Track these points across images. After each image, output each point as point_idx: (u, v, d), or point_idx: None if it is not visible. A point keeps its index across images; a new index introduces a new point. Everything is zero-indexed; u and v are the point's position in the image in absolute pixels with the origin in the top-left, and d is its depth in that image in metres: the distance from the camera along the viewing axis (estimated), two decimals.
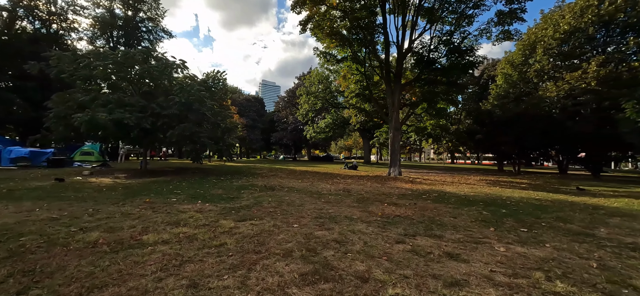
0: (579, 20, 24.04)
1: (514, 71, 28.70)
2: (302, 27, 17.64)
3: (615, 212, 6.26)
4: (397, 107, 15.74)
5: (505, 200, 7.67)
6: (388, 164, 18.80)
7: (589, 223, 5.05)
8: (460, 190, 9.88)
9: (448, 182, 13.01)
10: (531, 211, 6.03)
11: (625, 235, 4.34)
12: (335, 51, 20.86)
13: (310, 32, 19.06)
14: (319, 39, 19.53)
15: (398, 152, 15.00)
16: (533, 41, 27.53)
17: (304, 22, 17.39)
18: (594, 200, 8.20)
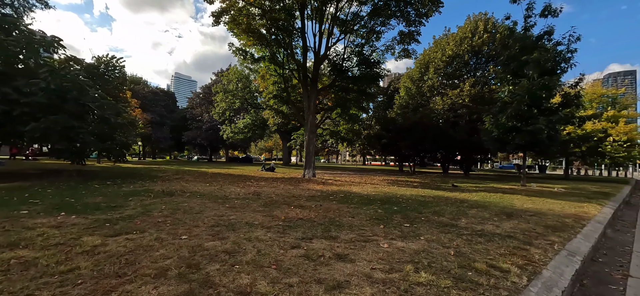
0: (458, 48, 29.51)
1: (413, 85, 33.32)
2: (216, 19, 16.44)
3: (474, 204, 7.77)
4: (313, 110, 16.23)
5: (399, 198, 8.67)
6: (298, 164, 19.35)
7: (455, 215, 6.08)
8: (365, 190, 10.75)
9: (356, 182, 14.05)
10: (416, 207, 6.93)
11: (477, 223, 5.36)
12: (253, 50, 20.21)
13: (226, 27, 17.96)
14: (235, 34, 18.56)
15: (313, 154, 15.46)
16: (427, 61, 32.55)
17: (218, 14, 16.24)
18: (462, 195, 10.06)
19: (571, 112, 13.64)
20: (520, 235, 4.59)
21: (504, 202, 8.29)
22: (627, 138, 22.68)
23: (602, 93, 24.15)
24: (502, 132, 13.79)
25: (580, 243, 4.50)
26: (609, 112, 24.14)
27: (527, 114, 13.10)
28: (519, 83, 13.00)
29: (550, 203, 8.62)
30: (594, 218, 6.55)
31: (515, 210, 7.00)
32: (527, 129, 12.71)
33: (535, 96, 12.71)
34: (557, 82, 12.86)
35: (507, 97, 13.40)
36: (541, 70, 12.84)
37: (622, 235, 6.30)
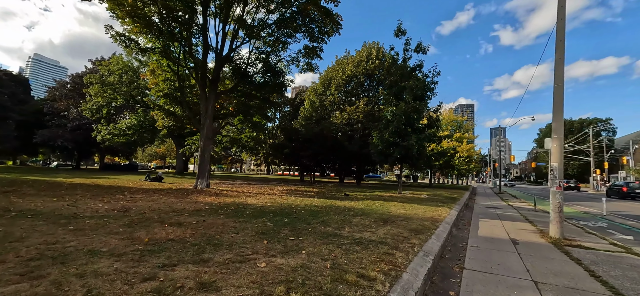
0: (356, 70, 32.87)
1: (316, 99, 35.22)
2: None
3: (358, 212, 8.44)
4: (211, 115, 14.88)
5: (293, 208, 8.63)
6: None
7: (340, 224, 6.37)
8: (261, 201, 10.34)
9: (253, 193, 13.49)
10: (306, 218, 6.97)
11: (358, 231, 5.72)
12: (140, 38, 17.18)
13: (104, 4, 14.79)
14: (118, 17, 15.42)
15: (208, 162, 14.06)
16: (330, 77, 35.05)
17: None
18: (351, 203, 10.89)
19: (434, 132, 17.08)
20: (391, 240, 5.08)
21: (383, 209, 9.32)
22: (467, 155, 30.19)
23: (453, 119, 31.62)
24: (385, 146, 15.95)
25: (433, 243, 5.31)
26: (457, 134, 31.80)
27: (403, 132, 15.60)
28: (398, 105, 15.42)
29: (416, 208, 10.23)
30: (445, 220, 8.04)
31: (391, 216, 7.93)
32: (403, 144, 15.13)
33: (410, 117, 15.31)
34: (425, 107, 15.90)
35: (390, 116, 15.66)
36: (414, 95, 15.62)
37: (462, 232, 7.93)
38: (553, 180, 7.63)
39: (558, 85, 7.53)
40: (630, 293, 3.87)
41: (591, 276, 4.51)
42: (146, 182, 18.90)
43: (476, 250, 5.90)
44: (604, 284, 4.16)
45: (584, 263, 5.20)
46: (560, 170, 7.59)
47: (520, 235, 7.71)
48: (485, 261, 5.12)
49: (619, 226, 10.73)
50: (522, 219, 10.79)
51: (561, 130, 7.64)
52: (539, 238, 7.45)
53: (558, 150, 7.65)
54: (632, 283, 4.25)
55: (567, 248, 6.38)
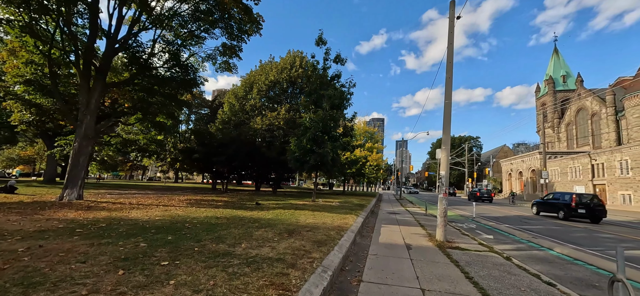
0: (279, 76, 32.42)
1: (236, 102, 33.28)
2: None
3: (265, 223, 7.81)
4: (95, 110, 11.86)
5: (187, 222, 7.38)
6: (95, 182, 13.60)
7: (238, 239, 5.61)
8: (149, 214, 8.63)
9: (145, 204, 11.36)
10: (199, 233, 5.95)
11: (256, 247, 5.08)
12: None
13: None
14: None
15: (83, 167, 11.08)
16: (252, 81, 33.63)
17: None
18: (260, 213, 10.16)
19: (348, 141, 17.95)
20: (290, 256, 4.62)
21: (291, 219, 8.92)
22: (376, 164, 33.21)
23: (366, 130, 34.49)
24: (302, 153, 15.86)
25: (335, 255, 5.10)
26: (368, 144, 34.77)
27: (320, 139, 15.82)
28: (317, 113, 15.60)
29: (326, 217, 10.22)
30: (350, 228, 8.14)
31: (298, 227, 7.56)
32: (318, 151, 15.30)
33: (327, 125, 15.65)
34: (341, 116, 16.54)
35: (308, 122, 15.69)
36: (331, 104, 16.08)
37: (365, 239, 8.15)
38: (441, 187, 8.59)
39: (447, 102, 8.60)
40: (493, 293, 4.34)
41: (466, 278, 4.98)
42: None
43: (375, 259, 5.99)
44: (475, 285, 4.61)
45: (461, 265, 5.80)
46: (447, 178, 8.61)
47: (413, 240, 8.38)
48: (382, 271, 5.17)
49: (484, 227, 13.04)
50: (416, 223, 12.01)
51: (448, 142, 8.70)
52: (427, 241, 8.23)
53: (446, 160, 8.68)
54: (495, 282, 4.84)
55: (448, 250, 7.14)
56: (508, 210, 23.24)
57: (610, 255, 8.02)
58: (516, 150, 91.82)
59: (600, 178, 37.33)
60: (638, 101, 43.27)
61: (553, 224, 14.83)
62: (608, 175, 36.07)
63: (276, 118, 28.89)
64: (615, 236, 11.49)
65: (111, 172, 77.36)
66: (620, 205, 33.71)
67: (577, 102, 57.82)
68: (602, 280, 5.71)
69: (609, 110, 50.17)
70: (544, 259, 7.39)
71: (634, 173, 32.51)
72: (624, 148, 34.73)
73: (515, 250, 8.42)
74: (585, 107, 56.22)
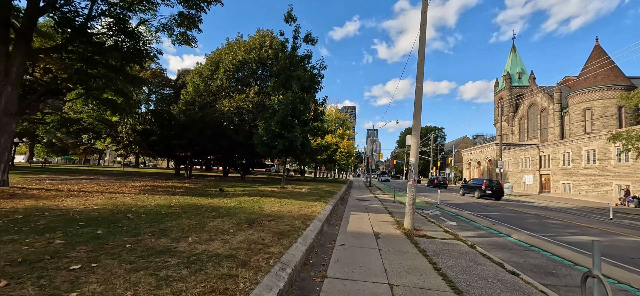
0: (248, 56, 30.69)
1: (201, 82, 31.07)
2: None
3: (223, 212, 7.07)
4: (17, 81, 9.81)
5: (132, 212, 6.42)
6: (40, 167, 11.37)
7: (186, 231, 4.86)
8: (87, 203, 7.45)
9: (87, 192, 9.97)
10: (140, 225, 5.09)
11: (204, 241, 4.38)
12: None
13: None
14: None
15: (6, 148, 9.22)
16: (218, 60, 31.50)
17: None
18: (221, 201, 9.35)
19: (318, 126, 17.38)
20: (244, 252, 4.01)
21: (255, 207, 8.26)
22: (347, 151, 33.22)
23: (338, 116, 34.22)
24: (270, 137, 15.05)
25: (297, 249, 4.58)
26: (340, 130, 34.58)
27: (289, 123, 15.09)
28: (286, 95, 14.76)
29: (293, 204, 9.69)
30: (317, 217, 7.69)
31: (260, 216, 6.94)
32: (287, 136, 14.58)
33: (296, 108, 14.91)
34: (312, 99, 15.85)
35: (277, 105, 14.82)
36: (301, 86, 15.32)
37: (333, 228, 7.76)
38: (410, 174, 8.40)
39: (419, 87, 8.33)
40: (462, 285, 4.12)
41: (435, 269, 4.75)
42: None
43: (342, 250, 5.59)
44: (444, 278, 4.37)
45: (428, 255, 5.60)
46: (416, 165, 8.43)
47: (381, 228, 8.16)
48: (349, 264, 4.77)
49: (448, 214, 13.39)
50: (384, 211, 11.94)
51: (419, 129, 8.49)
52: (395, 229, 8.05)
53: (415, 146, 8.48)
54: (463, 273, 4.65)
55: (416, 239, 6.98)
56: (468, 198, 24.50)
57: (559, 240, 8.47)
58: (475, 141, 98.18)
59: (546, 168, 40.89)
60: (580, 99, 47.67)
61: (508, 211, 15.73)
62: (552, 165, 39.59)
63: (245, 101, 27.44)
64: (562, 222, 12.34)
65: (62, 155, 69.89)
66: (561, 193, 37.29)
67: (530, 97, 62.47)
68: (558, 267, 5.86)
69: (556, 107, 54.83)
70: (504, 246, 7.54)
71: (574, 165, 35.96)
72: (567, 141, 38.18)
73: (477, 236, 8.57)
74: (536, 103, 60.95)
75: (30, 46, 10.30)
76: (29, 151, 55.55)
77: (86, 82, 13.03)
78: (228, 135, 22.80)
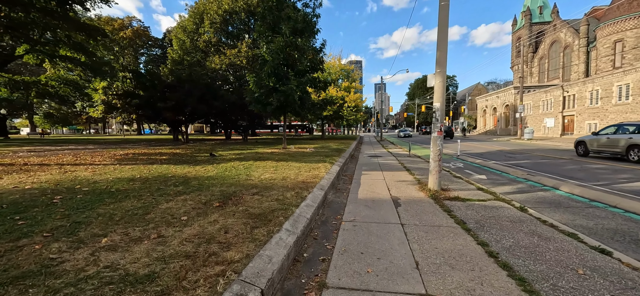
0: (235, 4, 27.43)
1: (187, 38, 28.30)
2: None
3: (196, 185, 5.47)
4: None
5: (69, 191, 4.86)
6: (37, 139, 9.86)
7: (113, 224, 3.24)
8: (27, 180, 5.93)
9: (47, 164, 8.51)
10: (56, 213, 3.51)
11: (124, 244, 2.75)
12: None
13: None
14: None
15: None
16: (201, 11, 28.35)
17: None
18: (203, 168, 7.78)
19: (318, 77, 15.17)
20: (179, 265, 2.37)
21: (238, 176, 6.63)
22: (355, 105, 30.88)
23: (342, 67, 31.30)
24: (264, 92, 13.08)
25: (279, 244, 2.95)
26: (345, 83, 31.88)
27: (283, 74, 12.99)
28: (275, 40, 12.43)
29: (291, 168, 8.06)
30: (319, 184, 6.06)
31: (242, 188, 5.32)
32: (282, 89, 12.57)
33: (290, 56, 12.68)
34: (307, 45, 13.46)
35: (267, 54, 12.60)
36: (293, 28, 12.90)
37: (341, 195, 6.16)
38: (435, 123, 6.54)
39: (444, 4, 6.11)
40: (544, 287, 2.48)
41: (490, 256, 3.11)
42: None
43: (352, 230, 3.98)
44: (510, 272, 2.73)
45: (471, 229, 3.97)
46: (443, 111, 6.53)
47: (401, 190, 6.53)
48: (361, 255, 3.16)
49: (472, 165, 11.66)
50: (401, 167, 10.27)
51: (445, 63, 6.44)
52: (418, 191, 6.41)
53: (441, 87, 6.50)
54: (534, 262, 2.99)
55: (447, 203, 5.34)
56: (488, 145, 22.58)
57: (617, 189, 6.74)
58: (488, 88, 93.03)
59: (570, 109, 37.92)
60: (610, 30, 42.79)
61: (538, 157, 13.86)
62: (578, 105, 36.57)
63: (237, 56, 24.94)
64: (608, 167, 10.47)
65: (67, 126, 69.64)
66: (586, 133, 34.81)
67: (552, 34, 56.89)
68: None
69: (582, 42, 49.77)
70: (557, 203, 5.86)
71: (603, 103, 32.95)
72: (595, 78, 34.71)
73: (518, 192, 6.87)
74: (559, 39, 55.58)
75: None
76: (30, 122, 55.15)
77: (24, 34, 10.60)
78: (220, 95, 20.77)
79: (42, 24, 10.64)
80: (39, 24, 10.63)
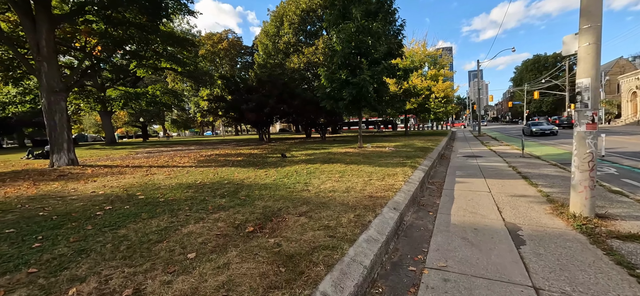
0: (312, 2, 27.36)
1: (269, 42, 29.82)
2: None
3: (243, 197, 4.68)
4: (50, 55, 9.38)
5: (128, 200, 4.76)
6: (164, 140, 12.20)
7: (141, 244, 2.59)
8: (113, 183, 6.35)
9: (140, 166, 9.45)
10: (118, 220, 3.14)
11: None
12: None
13: None
14: None
15: (64, 127, 9.47)
16: (281, 15, 29.36)
17: None
18: (267, 172, 7.15)
19: (397, 64, 13.06)
20: None
21: (298, 184, 5.62)
22: (444, 95, 26.66)
23: (427, 54, 27.39)
24: (336, 86, 11.95)
25: None
26: (432, 71, 27.81)
27: (355, 63, 11.54)
28: (346, 26, 11.05)
29: (361, 173, 6.66)
30: (394, 199, 4.51)
31: (292, 203, 4.26)
32: (354, 81, 11.14)
33: (362, 42, 11.12)
34: (383, 29, 11.55)
35: (337, 42, 11.39)
36: (365, 11, 11.28)
37: (423, 216, 4.47)
38: (581, 111, 4.09)
39: None
40: None
41: None
42: (30, 159, 14.33)
43: (442, 292, 2.40)
44: None
45: None
46: (595, 92, 4.05)
47: (520, 213, 4.37)
48: None
49: (629, 171, 7.85)
50: (514, 173, 7.56)
51: (599, 10, 3.95)
52: (552, 216, 4.15)
53: (592, 52, 4.03)
54: None
55: (615, 246, 3.06)
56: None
57: None
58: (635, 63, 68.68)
59: None
60: None
61: None
62: None
63: (314, 54, 24.76)
64: None
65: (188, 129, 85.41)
66: None
67: None
68: None
69: None
70: None
71: None
72: None
73: None
74: None
75: (52, 14, 9.76)
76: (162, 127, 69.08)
77: (118, 44, 12.33)
78: (297, 93, 20.73)
79: (137, 38, 12.32)
80: (136, 39, 12.36)
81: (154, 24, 11.83)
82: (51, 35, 9.45)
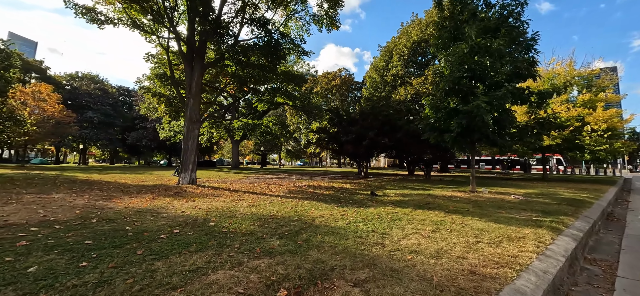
0: (424, 33, 26.09)
1: (377, 75, 29.87)
2: None
3: (301, 244, 3.96)
4: (197, 93, 12.14)
5: (201, 226, 4.85)
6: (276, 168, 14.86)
7: (155, 287, 2.28)
8: (208, 206, 6.91)
9: (243, 191, 10.23)
10: (168, 249, 3.12)
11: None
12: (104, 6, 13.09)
13: None
14: None
15: (193, 152, 11.49)
16: (391, 49, 29.14)
17: None
18: (343, 213, 6.27)
19: (528, 87, 9.92)
20: None
21: (372, 236, 4.43)
22: (606, 127, 18.88)
23: (575, 74, 20.28)
24: (442, 116, 10.08)
25: None
26: (585, 95, 20.24)
27: (467, 89, 9.43)
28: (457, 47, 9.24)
29: (465, 230, 4.87)
30: (517, 282, 2.81)
31: (354, 262, 3.22)
32: (464, 109, 9.01)
33: (478, 65, 9.00)
34: (505, 44, 9.04)
35: (445, 67, 9.69)
36: (483, 28, 9.18)
37: None
38: None
39: None
40: None
41: None
42: (174, 176, 18.35)
43: None
44: None
45: None
46: None
47: None
48: None
49: None
50: None
51: None
52: None
53: None
54: None
55: None
56: None
57: None
58: None
59: None
60: None
61: None
62: None
63: (423, 85, 22.90)
64: None
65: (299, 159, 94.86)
66: None
67: None
68: None
69: None
70: None
71: None
72: None
73: None
74: None
75: (203, 62, 12.59)
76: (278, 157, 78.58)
77: (244, 82, 14.81)
78: (400, 125, 19.15)
79: (256, 77, 14.58)
80: (256, 78, 14.68)
81: (271, 65, 13.86)
82: (200, 78, 12.27)
